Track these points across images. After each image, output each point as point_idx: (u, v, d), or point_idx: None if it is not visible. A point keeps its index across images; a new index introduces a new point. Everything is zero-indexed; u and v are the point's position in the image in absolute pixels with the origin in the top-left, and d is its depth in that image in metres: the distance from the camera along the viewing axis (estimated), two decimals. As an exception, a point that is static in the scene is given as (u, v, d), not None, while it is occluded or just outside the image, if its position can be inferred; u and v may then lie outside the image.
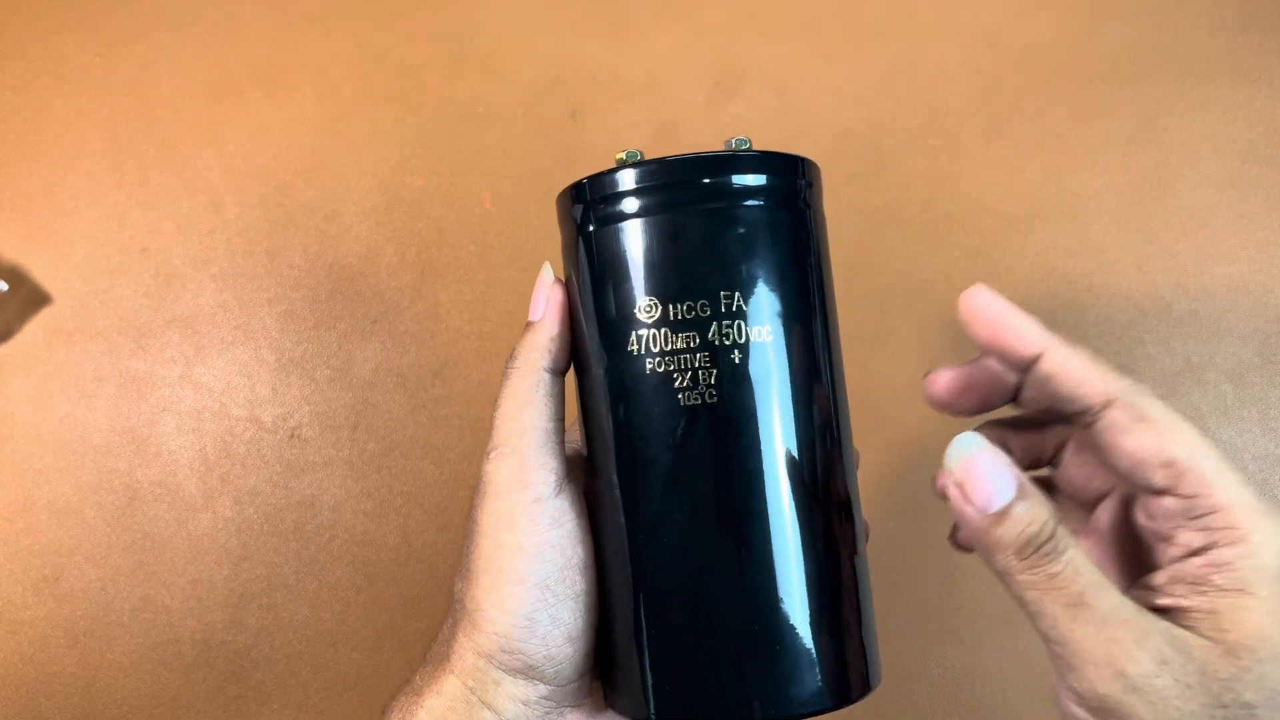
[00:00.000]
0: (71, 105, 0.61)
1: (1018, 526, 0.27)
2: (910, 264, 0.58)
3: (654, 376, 0.31)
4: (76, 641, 0.58)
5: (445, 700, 0.32)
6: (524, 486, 0.32)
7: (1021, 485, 0.28)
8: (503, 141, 0.60)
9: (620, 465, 0.32)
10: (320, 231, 0.60)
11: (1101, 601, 0.26)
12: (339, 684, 0.57)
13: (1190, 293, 0.56)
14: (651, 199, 0.32)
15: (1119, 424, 0.29)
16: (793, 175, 0.33)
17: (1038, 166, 0.58)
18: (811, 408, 0.32)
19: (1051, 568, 0.27)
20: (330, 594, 0.58)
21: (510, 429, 0.33)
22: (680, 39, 0.60)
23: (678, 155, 0.32)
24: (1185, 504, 0.28)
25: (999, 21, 0.59)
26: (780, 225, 0.32)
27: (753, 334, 0.31)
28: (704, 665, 0.31)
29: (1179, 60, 0.58)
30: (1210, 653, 0.26)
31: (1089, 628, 0.26)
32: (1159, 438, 0.28)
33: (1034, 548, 0.27)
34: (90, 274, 0.60)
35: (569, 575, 0.32)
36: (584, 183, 0.33)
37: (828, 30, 0.60)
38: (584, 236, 0.33)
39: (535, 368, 0.33)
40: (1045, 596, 0.27)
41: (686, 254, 0.31)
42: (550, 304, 0.34)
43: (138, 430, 0.59)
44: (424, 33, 0.61)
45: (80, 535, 0.58)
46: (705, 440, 0.31)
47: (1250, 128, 0.57)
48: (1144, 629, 0.26)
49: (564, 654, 0.32)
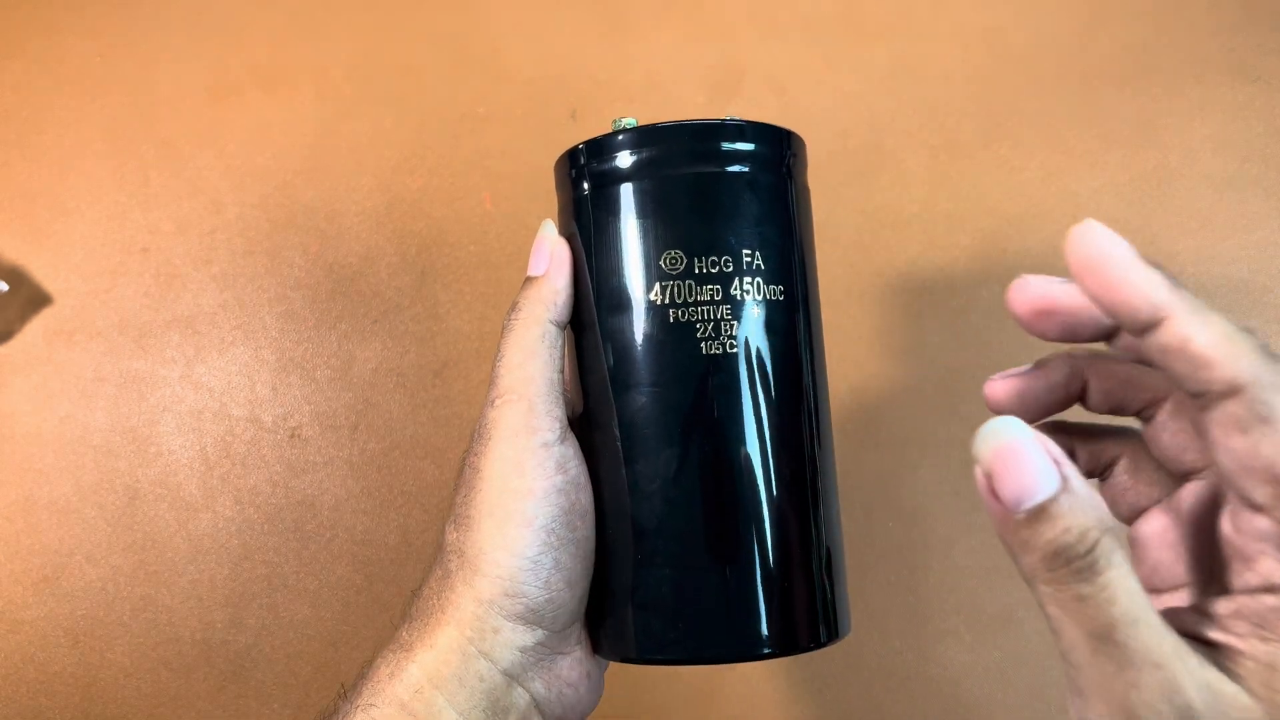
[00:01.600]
0: (71, 105, 0.61)
1: (1051, 531, 0.22)
2: (910, 264, 0.58)
3: (677, 326, 0.33)
4: (76, 641, 0.58)
5: (439, 654, 0.32)
6: (531, 432, 0.32)
7: (1068, 481, 0.23)
8: (503, 141, 0.60)
9: (624, 414, 0.33)
10: (320, 231, 0.60)
11: (1133, 639, 0.22)
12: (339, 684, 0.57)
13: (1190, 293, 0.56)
14: (681, 158, 0.33)
15: (1237, 419, 0.23)
16: (801, 152, 0.36)
17: (1038, 166, 0.58)
18: (813, 363, 0.35)
19: (1082, 588, 0.22)
20: (330, 594, 0.58)
21: (516, 377, 0.33)
22: (680, 39, 0.60)
23: (708, 119, 0.34)
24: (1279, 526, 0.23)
25: (999, 21, 0.59)
26: (792, 194, 0.35)
27: (769, 291, 0.33)
28: (688, 607, 0.32)
29: (1179, 60, 0.58)
30: (1247, 713, 0.22)
31: (1110, 665, 0.22)
32: (1278, 447, 0.22)
33: (1065, 560, 0.22)
34: (90, 274, 0.60)
35: (572, 520, 0.32)
36: (605, 139, 0.34)
37: (828, 30, 0.60)
38: (599, 190, 0.34)
39: (540, 319, 0.34)
40: (1067, 617, 0.23)
41: (714, 211, 0.33)
42: (555, 258, 0.34)
43: (138, 430, 0.59)
44: (424, 33, 0.61)
45: (80, 535, 0.58)
46: (720, 388, 0.32)
47: (1250, 128, 0.57)
48: (1174, 679, 0.22)
49: (563, 598, 0.32)
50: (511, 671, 0.32)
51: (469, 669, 0.32)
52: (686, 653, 0.32)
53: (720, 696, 0.57)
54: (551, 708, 0.34)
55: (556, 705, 0.34)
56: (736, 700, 0.57)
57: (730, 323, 0.33)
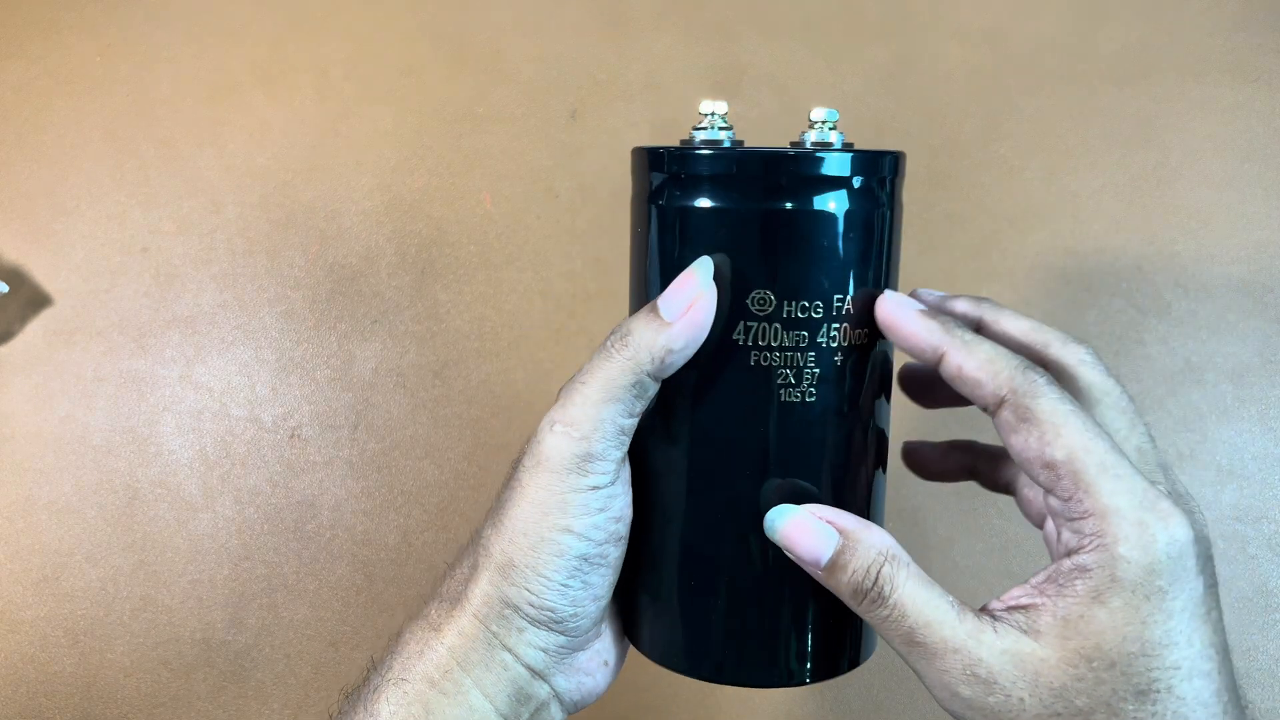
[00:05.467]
0: (71, 105, 0.61)
1: (845, 575, 0.30)
2: (910, 264, 0.58)
3: (757, 370, 0.31)
4: (76, 641, 0.58)
5: (466, 640, 0.33)
6: (584, 474, 0.32)
7: (847, 534, 0.30)
8: (503, 141, 0.60)
9: (696, 443, 0.33)
10: (320, 231, 0.60)
11: (930, 637, 0.28)
12: (339, 684, 0.57)
13: (1190, 293, 0.56)
14: (779, 190, 0.31)
15: (1008, 424, 0.29)
16: (902, 169, 0.34)
17: (1038, 166, 0.58)
18: (885, 409, 0.34)
19: (880, 612, 0.29)
20: (330, 594, 0.58)
21: (587, 414, 0.31)
22: (680, 39, 0.60)
23: (811, 148, 0.32)
24: (1064, 506, 0.28)
25: (999, 21, 0.59)
26: (889, 226, 0.33)
27: (854, 336, 0.32)
28: (742, 637, 0.33)
29: (1179, 60, 0.58)
30: (1044, 664, 0.27)
31: (923, 661, 0.29)
32: (1040, 439, 0.28)
33: (862, 595, 0.30)
34: (90, 274, 0.60)
35: (606, 549, 0.33)
36: (696, 155, 0.32)
37: (828, 30, 0.60)
38: (685, 208, 0.32)
39: (642, 368, 0.31)
40: (885, 633, 0.30)
41: (810, 252, 0.31)
42: (694, 313, 0.31)
43: (138, 430, 0.59)
44: (424, 33, 0.61)
45: (80, 535, 0.58)
46: (794, 436, 0.32)
47: (1250, 128, 0.57)
48: (972, 656, 0.28)
49: (588, 611, 0.33)
50: (534, 667, 0.33)
51: (494, 658, 0.33)
52: (737, 677, 0.33)
53: (720, 696, 0.57)
54: (570, 696, 0.35)
55: (575, 694, 0.35)
56: (737, 700, 0.58)
57: (813, 370, 0.31)
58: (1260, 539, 0.55)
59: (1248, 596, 0.55)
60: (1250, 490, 0.55)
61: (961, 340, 0.30)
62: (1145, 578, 0.27)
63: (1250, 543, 0.55)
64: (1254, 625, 0.55)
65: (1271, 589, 0.55)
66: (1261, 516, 0.55)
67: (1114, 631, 0.27)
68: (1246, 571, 0.55)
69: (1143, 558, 0.27)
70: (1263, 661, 0.55)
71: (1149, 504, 0.27)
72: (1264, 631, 0.55)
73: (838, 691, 0.56)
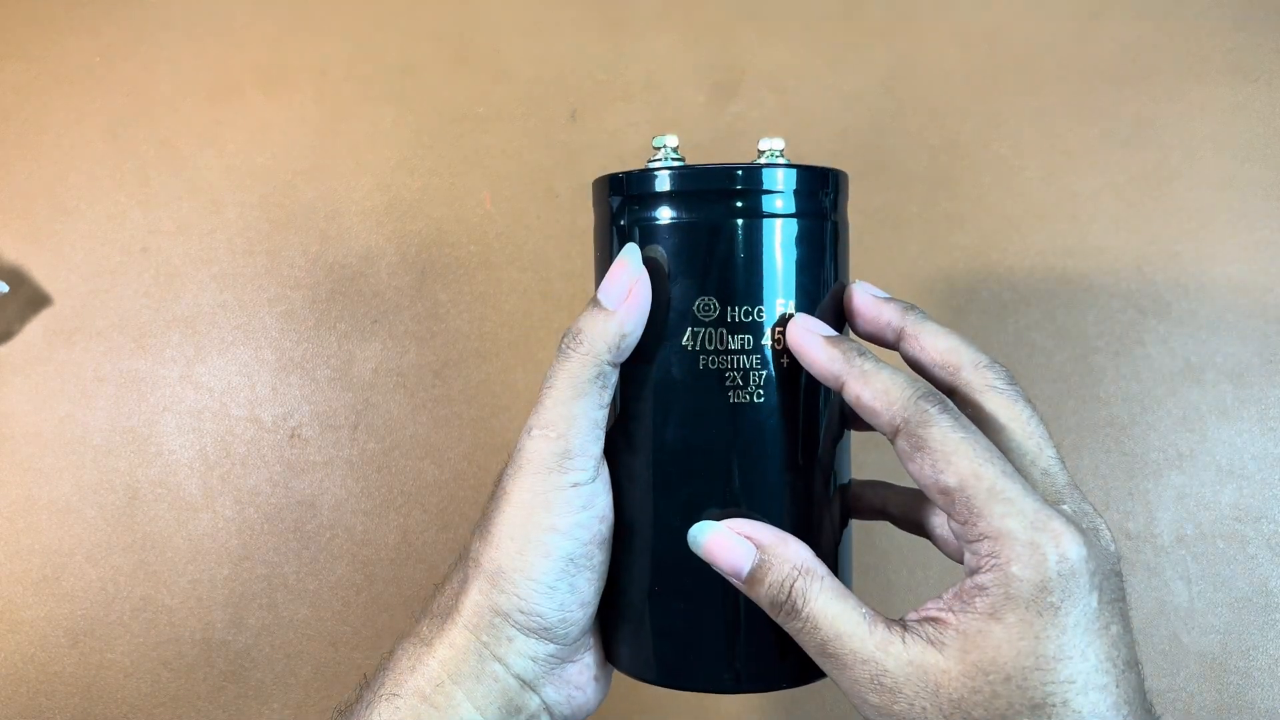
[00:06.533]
0: (71, 105, 0.61)
1: (762, 588, 0.31)
2: (910, 264, 0.58)
3: (706, 373, 0.33)
4: (76, 641, 0.58)
5: (458, 653, 0.33)
6: (564, 471, 0.33)
7: (764, 548, 0.31)
8: (503, 141, 0.60)
9: (656, 448, 0.34)
10: (320, 231, 0.60)
11: (841, 649, 0.30)
12: (339, 684, 0.57)
13: (1190, 293, 0.56)
14: (720, 203, 0.33)
15: (904, 452, 0.30)
16: (844, 188, 0.36)
17: (1038, 166, 0.58)
18: (833, 409, 0.35)
19: (795, 624, 0.31)
20: (330, 594, 0.58)
21: (560, 414, 0.33)
22: (680, 39, 0.60)
23: (749, 164, 0.33)
24: (962, 529, 0.29)
25: (999, 21, 0.59)
26: (831, 238, 0.35)
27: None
28: (704, 642, 0.34)
29: (1179, 60, 0.58)
30: (945, 676, 0.29)
31: (836, 670, 0.30)
32: (934, 467, 0.29)
33: (779, 607, 0.31)
34: (90, 274, 0.60)
35: (591, 550, 0.33)
36: (649, 175, 0.34)
37: (828, 30, 0.60)
38: (636, 226, 0.34)
39: (599, 358, 0.33)
40: (801, 643, 0.31)
41: (748, 260, 0.33)
42: (634, 297, 0.33)
43: (138, 430, 0.59)
44: (424, 33, 0.61)
45: (80, 535, 0.58)
46: (745, 437, 0.33)
47: (1250, 128, 0.57)
48: (879, 667, 0.29)
49: (576, 616, 0.34)
50: (524, 677, 0.34)
51: (485, 669, 0.33)
52: (704, 683, 0.34)
53: (720, 696, 0.57)
54: (560, 709, 0.35)
55: (565, 707, 0.35)
56: (736, 700, 0.58)
57: (760, 372, 0.33)
58: (1260, 539, 0.55)
59: (1248, 596, 0.55)
60: (1250, 490, 0.55)
61: (860, 370, 0.31)
62: (1037, 594, 0.28)
63: (1250, 543, 0.55)
64: (1254, 625, 0.55)
65: (1271, 589, 0.55)
66: (1261, 516, 0.55)
67: (1009, 646, 0.28)
68: (1246, 571, 0.55)
69: (1034, 575, 0.28)
70: (1263, 661, 0.55)
71: (1040, 524, 0.28)
72: (1264, 631, 0.55)
73: (838, 692, 0.56)
